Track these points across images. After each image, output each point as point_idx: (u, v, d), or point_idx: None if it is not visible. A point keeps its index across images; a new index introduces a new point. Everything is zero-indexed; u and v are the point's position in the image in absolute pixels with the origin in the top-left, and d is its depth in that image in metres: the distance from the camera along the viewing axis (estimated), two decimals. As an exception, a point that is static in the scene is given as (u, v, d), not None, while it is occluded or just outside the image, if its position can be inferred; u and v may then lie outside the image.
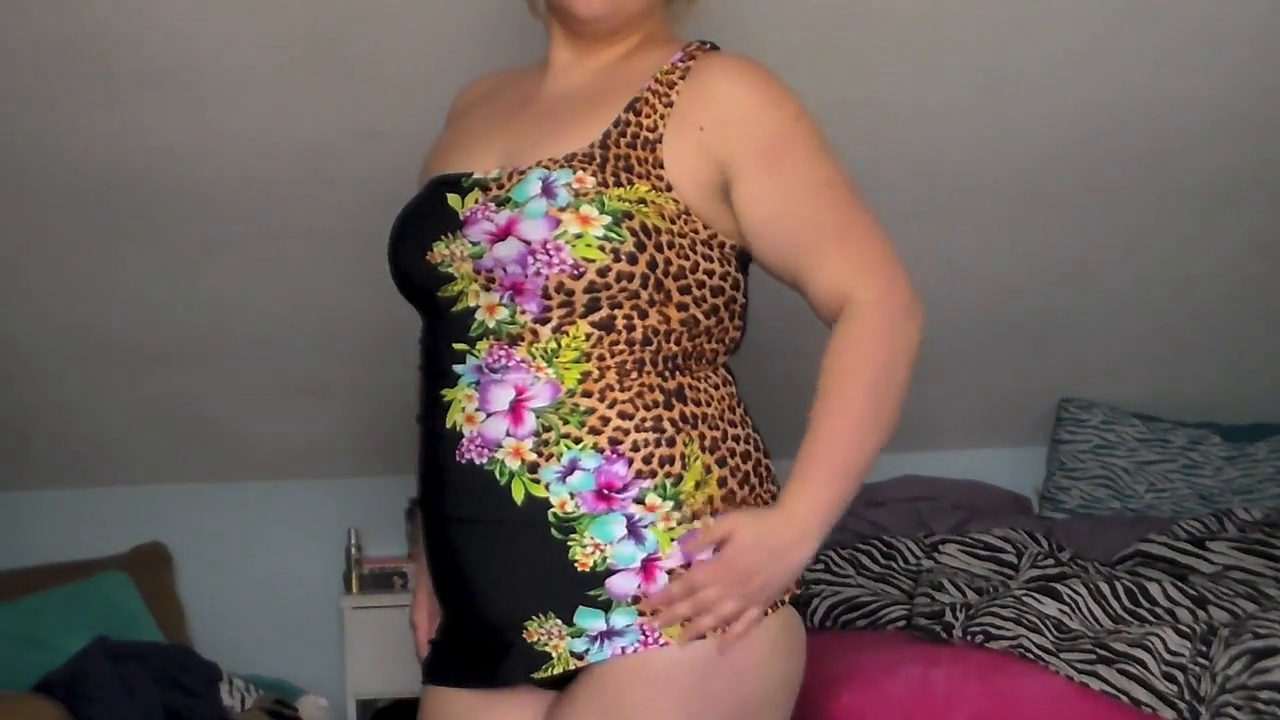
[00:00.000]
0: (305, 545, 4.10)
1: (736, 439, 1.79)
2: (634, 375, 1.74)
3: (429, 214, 1.81)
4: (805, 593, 1.87)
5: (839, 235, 1.80)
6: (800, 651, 1.83)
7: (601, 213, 1.72)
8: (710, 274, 1.79)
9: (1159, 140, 3.20)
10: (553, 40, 1.93)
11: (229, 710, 3.09)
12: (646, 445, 1.72)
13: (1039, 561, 3.22)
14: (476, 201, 1.77)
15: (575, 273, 1.70)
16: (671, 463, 1.73)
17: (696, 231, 1.78)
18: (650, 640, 1.69)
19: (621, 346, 1.74)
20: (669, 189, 1.77)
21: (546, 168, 1.75)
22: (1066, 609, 2.75)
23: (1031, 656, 2.57)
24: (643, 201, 1.75)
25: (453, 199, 1.79)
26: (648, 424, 1.73)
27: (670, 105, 1.81)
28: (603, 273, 1.71)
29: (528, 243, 1.71)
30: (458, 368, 1.76)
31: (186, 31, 2.73)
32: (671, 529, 1.71)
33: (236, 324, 3.53)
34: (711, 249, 1.79)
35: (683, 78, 1.83)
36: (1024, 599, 2.75)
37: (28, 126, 2.91)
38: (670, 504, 1.71)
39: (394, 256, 1.85)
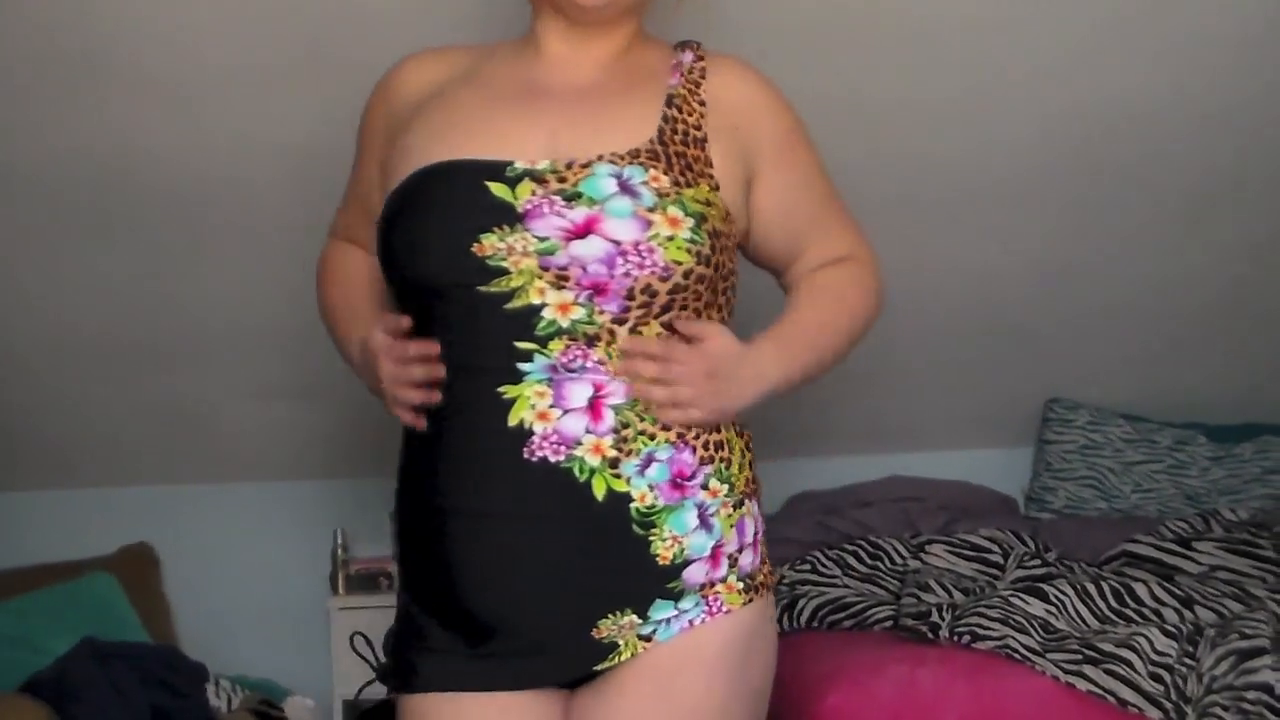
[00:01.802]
0: (292, 546, 4.09)
1: (743, 425, 1.87)
2: None
3: (469, 204, 1.73)
4: (791, 593, 1.90)
5: (839, 216, 1.95)
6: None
7: (685, 215, 1.74)
8: (736, 274, 1.86)
9: (1146, 142, 3.21)
10: (544, 30, 1.89)
11: (216, 711, 3.08)
12: (704, 433, 1.78)
13: (1025, 562, 3.23)
14: (534, 194, 1.71)
15: (664, 275, 1.71)
16: (721, 448, 1.79)
17: (732, 235, 1.83)
18: (716, 610, 1.75)
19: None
20: (717, 189, 1.81)
21: (613, 163, 1.74)
22: (1053, 609, 2.76)
23: (1018, 657, 2.58)
24: (708, 203, 1.78)
25: (498, 188, 1.72)
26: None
27: (703, 104, 1.85)
28: (687, 275, 1.73)
29: (617, 243, 1.69)
30: (524, 366, 1.70)
31: (175, 30, 2.73)
32: (729, 515, 1.78)
33: (222, 325, 3.53)
34: (734, 251, 1.86)
35: (703, 77, 1.87)
36: (1010, 599, 2.75)
37: (14, 126, 2.91)
38: (726, 487, 1.79)
39: (413, 247, 1.75)
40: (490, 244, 1.70)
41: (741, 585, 1.78)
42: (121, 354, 3.58)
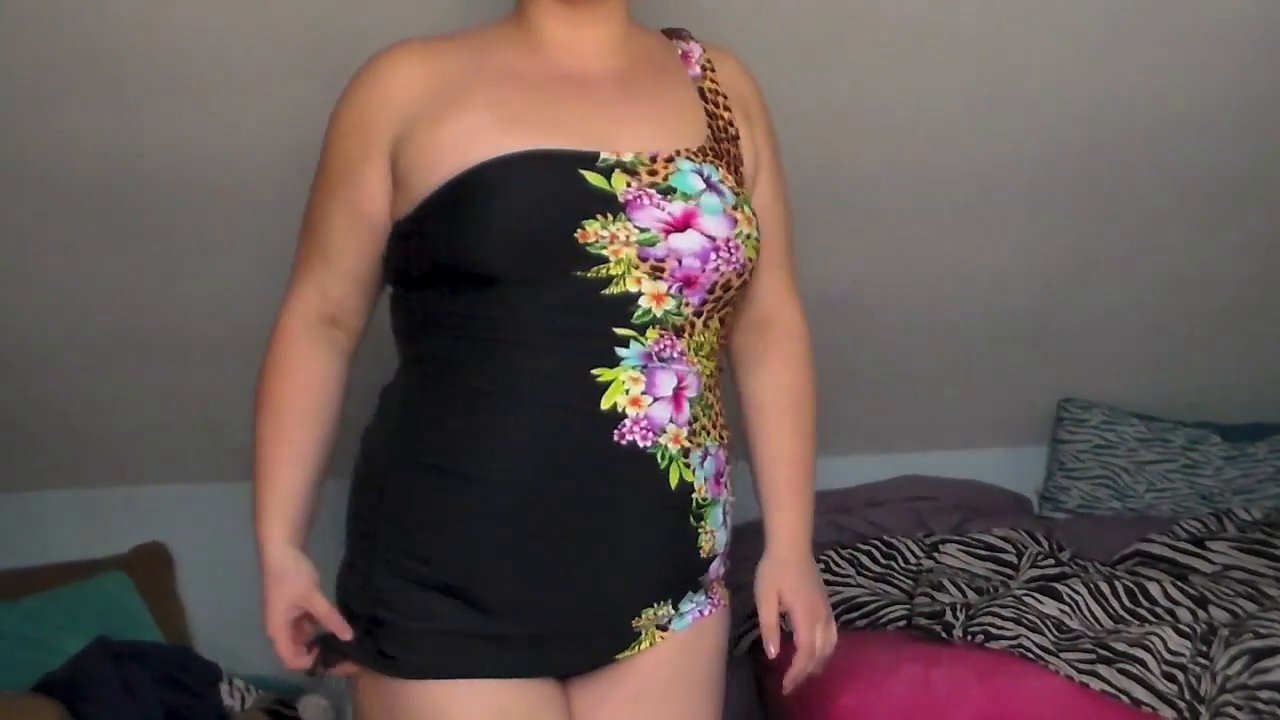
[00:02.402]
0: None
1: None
2: (720, 375, 1.86)
3: (568, 191, 1.70)
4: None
5: (789, 251, 1.96)
6: None
7: (752, 214, 1.80)
8: None
9: (1159, 142, 3.20)
10: (538, 14, 1.83)
11: (229, 710, 3.09)
12: (728, 431, 1.86)
13: (1039, 561, 3.22)
14: (629, 185, 1.71)
15: (740, 271, 1.77)
16: (730, 448, 1.87)
17: None
18: (717, 603, 1.87)
19: (724, 341, 1.85)
20: (744, 184, 1.85)
21: (690, 159, 1.76)
22: (1066, 609, 2.75)
23: (1032, 656, 2.57)
24: (750, 202, 1.83)
25: (594, 177, 1.70)
26: (725, 417, 1.86)
27: (725, 97, 1.87)
28: (751, 272, 1.80)
29: (711, 238, 1.72)
30: (621, 351, 1.70)
31: (188, 29, 2.73)
32: (731, 515, 1.87)
33: (237, 322, 3.53)
34: None
35: (713, 69, 1.89)
36: (1024, 599, 2.75)
37: (27, 126, 2.91)
38: (730, 488, 1.86)
39: (500, 231, 1.68)
40: (593, 231, 1.68)
41: (724, 581, 1.90)
42: (134, 352, 3.58)
